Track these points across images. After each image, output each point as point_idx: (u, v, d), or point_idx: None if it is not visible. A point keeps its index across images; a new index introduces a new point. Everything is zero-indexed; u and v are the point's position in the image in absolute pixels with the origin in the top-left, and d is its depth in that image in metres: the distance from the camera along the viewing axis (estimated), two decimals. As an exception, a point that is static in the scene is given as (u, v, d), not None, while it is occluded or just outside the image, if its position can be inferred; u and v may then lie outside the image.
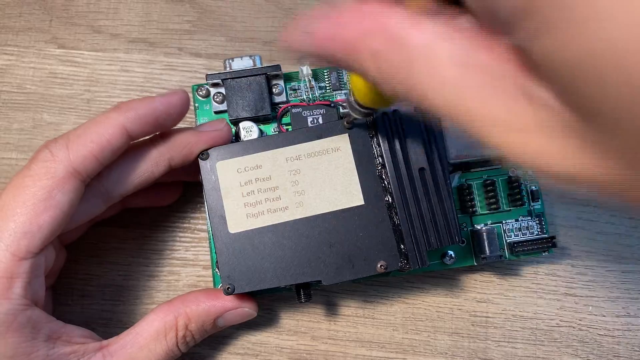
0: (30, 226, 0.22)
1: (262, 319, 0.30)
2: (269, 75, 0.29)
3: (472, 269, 0.30)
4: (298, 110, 0.28)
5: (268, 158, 0.26)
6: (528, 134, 0.12)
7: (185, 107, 0.26)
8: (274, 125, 0.30)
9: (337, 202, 0.26)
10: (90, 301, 0.30)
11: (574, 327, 0.30)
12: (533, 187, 0.29)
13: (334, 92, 0.30)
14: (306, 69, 0.29)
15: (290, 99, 0.30)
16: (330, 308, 0.30)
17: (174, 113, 0.25)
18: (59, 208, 0.23)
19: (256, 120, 0.29)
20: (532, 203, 0.29)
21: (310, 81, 0.29)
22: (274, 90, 0.29)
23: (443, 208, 0.26)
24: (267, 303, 0.30)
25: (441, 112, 0.14)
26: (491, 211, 0.29)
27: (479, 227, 0.28)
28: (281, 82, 0.29)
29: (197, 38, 0.33)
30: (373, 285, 0.30)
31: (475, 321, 0.30)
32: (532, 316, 0.30)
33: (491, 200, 0.29)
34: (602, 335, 0.30)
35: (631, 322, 0.30)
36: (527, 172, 0.29)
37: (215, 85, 0.29)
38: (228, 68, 0.29)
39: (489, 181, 0.29)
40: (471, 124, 0.13)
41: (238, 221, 0.26)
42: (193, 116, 0.31)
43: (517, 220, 0.29)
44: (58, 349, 0.23)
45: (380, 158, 0.26)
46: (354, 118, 0.24)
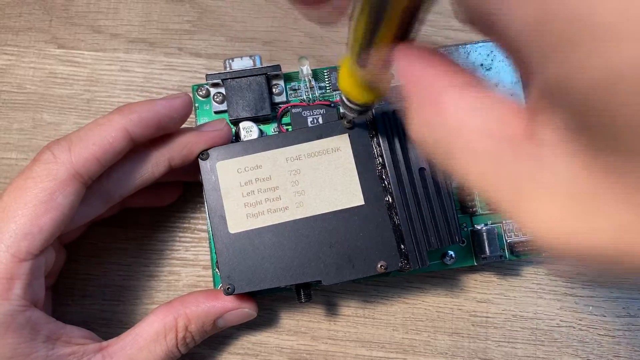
0: (31, 228, 0.22)
1: (262, 319, 0.30)
2: (269, 75, 0.29)
3: (472, 269, 0.30)
4: (298, 110, 0.28)
5: (268, 158, 0.26)
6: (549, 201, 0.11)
7: (187, 111, 0.26)
8: (274, 125, 0.30)
9: (337, 202, 0.26)
10: (90, 301, 0.30)
11: (574, 327, 0.30)
12: (533, 187, 0.29)
13: (334, 92, 0.30)
14: (306, 69, 0.29)
15: (290, 99, 0.30)
16: (330, 308, 0.30)
17: (177, 116, 0.26)
18: (60, 210, 0.23)
19: (256, 120, 0.29)
20: (532, 203, 0.29)
21: (310, 81, 0.29)
22: (274, 90, 0.29)
23: (443, 208, 0.26)
24: (267, 303, 0.30)
25: (472, 183, 0.13)
26: (491, 211, 0.29)
27: (479, 227, 0.28)
28: (281, 82, 0.29)
29: (197, 38, 0.33)
30: (373, 285, 0.30)
31: (475, 321, 0.30)
32: (532, 316, 0.30)
33: (491, 200, 0.29)
34: (602, 335, 0.30)
35: (631, 322, 0.30)
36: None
37: (215, 85, 0.29)
38: (228, 68, 0.29)
39: (489, 181, 0.29)
40: (497, 194, 0.12)
41: (238, 221, 0.26)
42: (193, 116, 0.31)
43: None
44: (57, 350, 0.23)
45: (380, 158, 0.26)
46: (352, 117, 0.24)
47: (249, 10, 0.33)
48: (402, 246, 0.25)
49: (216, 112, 0.29)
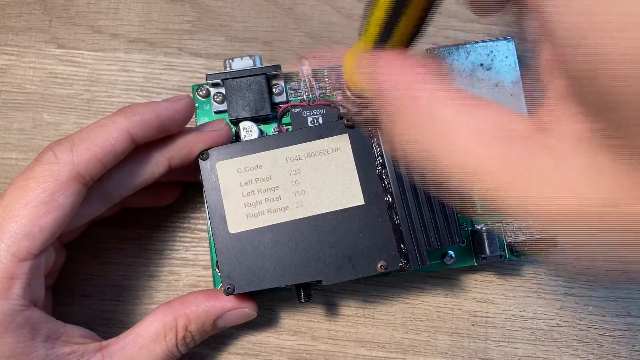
0: (31, 228, 0.22)
1: (262, 319, 0.30)
2: (269, 75, 0.29)
3: (472, 269, 0.30)
4: (298, 110, 0.28)
5: (268, 158, 0.26)
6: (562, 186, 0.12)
7: (190, 113, 0.26)
8: (274, 125, 0.30)
9: (337, 202, 0.26)
10: (90, 301, 0.30)
11: (574, 327, 0.30)
12: (533, 187, 0.29)
13: (334, 92, 0.30)
14: (306, 69, 0.29)
15: (290, 99, 0.30)
16: (330, 308, 0.30)
17: (179, 118, 0.26)
18: (61, 211, 0.23)
19: (256, 120, 0.29)
20: (532, 203, 0.29)
21: (310, 81, 0.29)
22: (274, 90, 0.29)
23: (443, 208, 0.26)
24: (267, 303, 0.30)
25: (451, 173, 0.14)
26: (488, 211, 0.29)
27: (479, 227, 0.28)
28: (281, 82, 0.29)
29: (197, 38, 0.33)
30: (373, 285, 0.30)
31: (475, 321, 0.30)
32: (532, 316, 0.30)
33: (491, 200, 0.29)
34: (602, 335, 0.30)
35: (631, 322, 0.30)
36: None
37: (215, 85, 0.29)
38: (228, 68, 0.29)
39: (489, 181, 0.29)
40: (482, 184, 0.13)
41: (238, 221, 0.26)
42: (193, 116, 0.31)
43: (518, 220, 0.29)
44: (57, 349, 0.23)
45: (380, 158, 0.26)
46: (353, 113, 0.24)
47: (249, 10, 0.33)
48: (402, 246, 0.25)
49: (216, 112, 0.29)
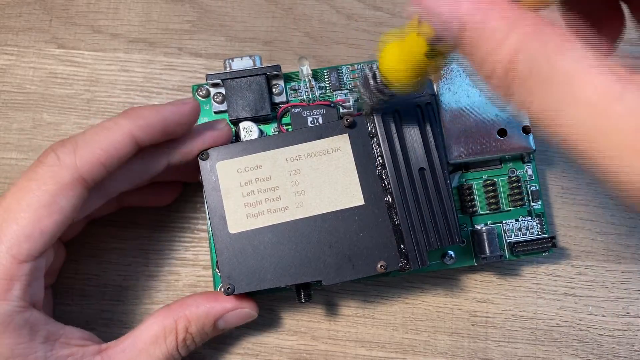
0: (32, 230, 0.22)
1: (262, 319, 0.30)
2: (269, 75, 0.29)
3: (472, 269, 0.30)
4: (298, 110, 0.28)
5: (268, 158, 0.26)
6: None
7: (195, 117, 0.26)
8: (274, 125, 0.30)
9: (337, 202, 0.26)
10: (90, 301, 0.30)
11: (574, 327, 0.30)
12: (533, 187, 0.29)
13: (334, 92, 0.30)
14: (306, 69, 0.29)
15: (290, 99, 0.30)
16: (330, 308, 0.30)
17: (184, 122, 0.25)
18: (62, 214, 0.23)
19: (256, 120, 0.29)
20: (532, 203, 0.29)
21: (310, 81, 0.29)
22: (274, 90, 0.29)
23: (443, 208, 0.26)
24: (267, 303, 0.30)
25: (568, 135, 0.14)
26: (491, 211, 0.29)
27: (479, 227, 0.28)
28: (281, 82, 0.29)
29: (197, 38, 0.33)
30: (373, 285, 0.30)
31: (475, 321, 0.30)
32: (532, 316, 0.30)
33: (491, 200, 0.29)
34: (602, 335, 0.30)
35: (631, 322, 0.30)
36: None
37: (215, 85, 0.29)
38: (228, 68, 0.29)
39: (489, 181, 0.29)
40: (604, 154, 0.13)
41: (238, 221, 0.26)
42: (193, 116, 0.31)
43: (517, 220, 0.29)
44: (56, 351, 0.23)
45: (380, 158, 0.26)
46: (371, 105, 0.23)
47: (249, 10, 0.33)
48: (402, 246, 0.25)
49: (216, 112, 0.29)
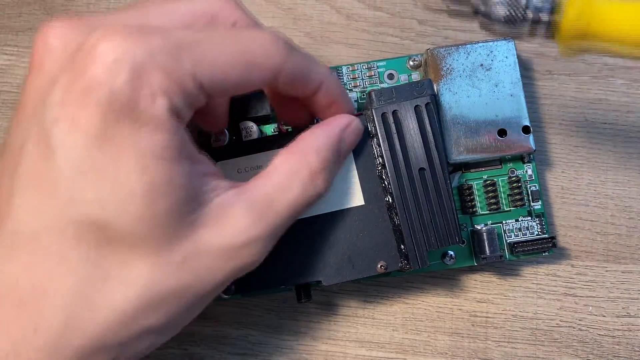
0: None
1: (262, 319, 0.30)
2: (269, 75, 0.29)
3: (472, 269, 0.30)
4: (298, 110, 0.28)
5: (268, 158, 0.26)
6: None
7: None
8: (274, 125, 0.30)
9: (337, 202, 0.26)
10: (90, 301, 0.30)
11: (574, 327, 0.30)
12: (533, 187, 0.29)
13: (334, 92, 0.30)
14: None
15: (290, 99, 0.30)
16: (330, 308, 0.30)
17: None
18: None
19: (256, 120, 0.29)
20: (532, 203, 0.29)
21: (310, 81, 0.29)
22: (274, 90, 0.29)
23: (443, 208, 0.26)
24: (267, 303, 0.30)
25: None
26: (491, 211, 0.29)
27: (479, 228, 0.28)
28: (281, 82, 0.29)
29: (197, 38, 0.33)
30: (373, 285, 0.30)
31: (475, 321, 0.30)
32: (532, 316, 0.30)
33: (491, 200, 0.29)
34: (602, 335, 0.30)
35: (631, 323, 0.30)
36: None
37: (215, 85, 0.29)
38: (228, 68, 0.29)
39: (489, 181, 0.29)
40: None
41: (238, 221, 0.26)
42: (193, 116, 0.31)
43: (517, 220, 0.29)
44: (199, 168, 0.20)
45: (380, 158, 0.26)
46: (508, 17, 0.18)
47: (249, 10, 0.33)
48: (402, 246, 0.25)
49: (216, 112, 0.29)
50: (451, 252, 0.28)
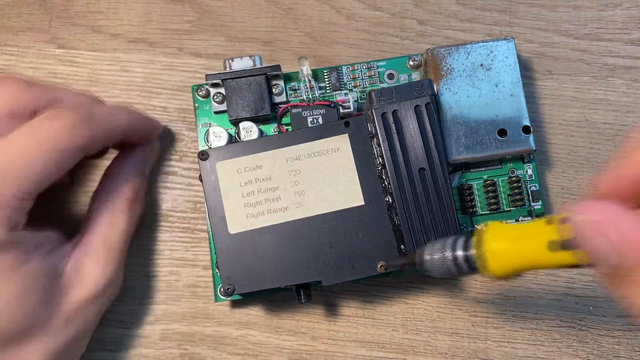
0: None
1: (262, 319, 0.30)
2: (269, 75, 0.29)
3: (472, 269, 0.30)
4: (298, 110, 0.28)
5: (268, 158, 0.26)
6: None
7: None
8: (274, 125, 0.30)
9: (337, 202, 0.26)
10: (90, 301, 0.30)
11: (574, 327, 0.30)
12: (533, 188, 0.29)
13: (334, 92, 0.30)
14: (306, 69, 0.29)
15: (290, 99, 0.30)
16: (330, 308, 0.30)
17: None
18: None
19: (256, 120, 0.29)
20: (532, 203, 0.29)
21: (310, 81, 0.29)
22: (274, 90, 0.29)
23: (443, 208, 0.26)
24: (267, 303, 0.30)
25: None
26: (491, 211, 0.29)
27: (479, 227, 0.28)
28: (281, 82, 0.29)
29: (197, 38, 0.33)
30: (373, 285, 0.30)
31: (475, 321, 0.30)
32: (532, 316, 0.30)
33: (491, 200, 0.29)
34: (602, 335, 0.30)
35: (631, 323, 0.30)
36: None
37: (215, 85, 0.29)
38: (228, 68, 0.29)
39: (490, 181, 0.29)
40: None
41: (238, 221, 0.26)
42: (193, 117, 0.31)
43: (518, 220, 0.29)
44: (47, 245, 0.24)
45: (380, 158, 0.26)
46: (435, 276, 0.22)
47: (249, 10, 0.33)
48: (402, 246, 0.25)
49: (216, 113, 0.29)
50: (451, 252, 0.28)
